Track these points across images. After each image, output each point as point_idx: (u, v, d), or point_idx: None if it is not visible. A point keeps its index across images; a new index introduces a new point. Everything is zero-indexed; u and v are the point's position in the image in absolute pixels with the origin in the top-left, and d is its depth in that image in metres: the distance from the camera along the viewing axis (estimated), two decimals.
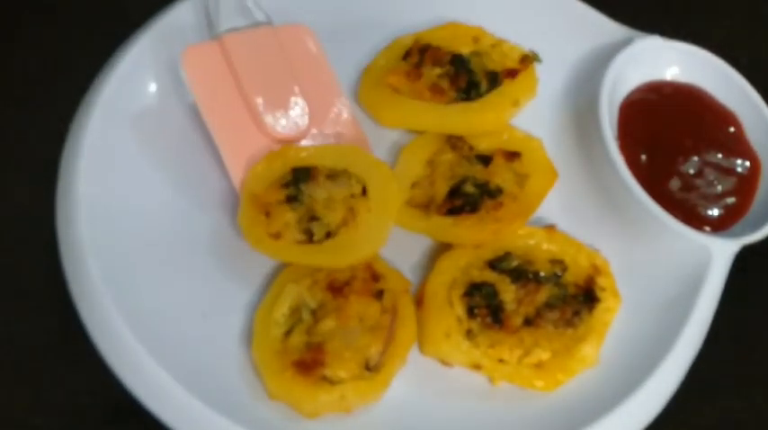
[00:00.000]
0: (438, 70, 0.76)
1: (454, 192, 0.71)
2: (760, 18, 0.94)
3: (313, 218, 0.67)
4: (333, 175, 0.69)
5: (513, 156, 0.73)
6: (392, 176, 0.70)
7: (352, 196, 0.68)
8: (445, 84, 0.75)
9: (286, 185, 0.68)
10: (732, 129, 0.77)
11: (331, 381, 0.61)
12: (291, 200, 0.68)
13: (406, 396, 0.64)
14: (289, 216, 0.67)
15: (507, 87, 0.75)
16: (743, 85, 0.78)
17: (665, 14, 0.90)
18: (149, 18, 0.75)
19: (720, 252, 0.70)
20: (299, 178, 0.69)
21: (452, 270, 0.68)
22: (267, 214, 0.67)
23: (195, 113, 0.72)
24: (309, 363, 0.61)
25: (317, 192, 0.68)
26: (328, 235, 0.67)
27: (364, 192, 0.69)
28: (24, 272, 0.72)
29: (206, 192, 0.71)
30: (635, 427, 0.64)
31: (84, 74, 0.73)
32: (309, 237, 0.67)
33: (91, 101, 0.70)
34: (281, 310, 0.65)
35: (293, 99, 0.71)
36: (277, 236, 0.67)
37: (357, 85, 0.77)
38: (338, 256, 0.66)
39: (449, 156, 0.73)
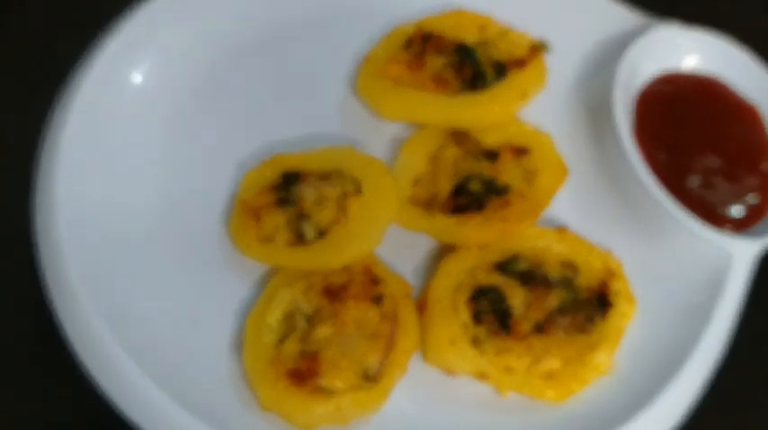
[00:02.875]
0: (442, 60, 0.74)
1: (459, 189, 0.69)
2: None
3: (303, 217, 0.66)
4: (325, 176, 0.68)
5: (521, 151, 0.71)
6: (387, 172, 0.69)
7: (346, 195, 0.67)
8: (449, 74, 0.74)
9: (276, 189, 0.68)
10: (754, 124, 0.75)
11: (327, 392, 0.60)
12: (282, 202, 0.67)
13: (406, 407, 0.63)
14: (279, 218, 0.66)
15: (515, 78, 0.73)
16: (766, 77, 0.77)
17: (682, 0, 0.87)
18: (126, 11, 0.73)
19: (742, 253, 0.68)
20: (289, 181, 0.68)
21: (457, 273, 0.66)
22: (257, 219, 0.66)
23: (179, 111, 0.71)
24: (304, 373, 0.60)
25: (308, 193, 0.67)
26: (321, 235, 0.66)
27: (360, 191, 0.67)
28: (2, 277, 0.70)
29: (193, 192, 0.70)
30: None
31: (62, 68, 0.71)
32: (301, 239, 0.66)
33: (69, 97, 0.69)
34: (275, 316, 0.63)
35: None
36: (268, 239, 0.66)
37: (356, 76, 0.75)
38: (330, 256, 0.64)
39: (453, 151, 0.72)
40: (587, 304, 0.66)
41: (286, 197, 0.67)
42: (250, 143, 0.72)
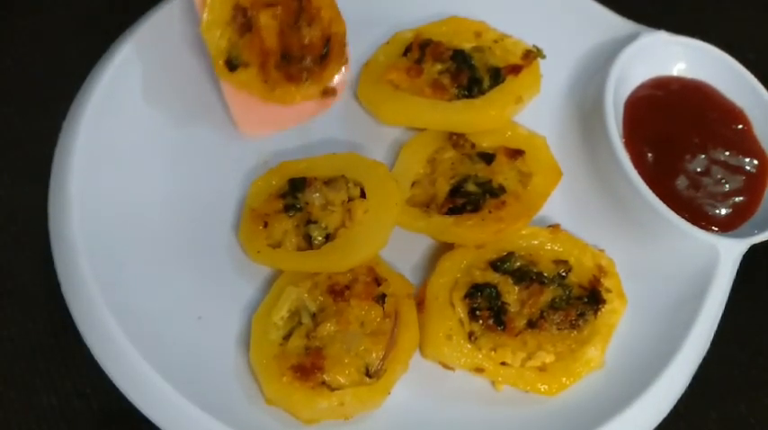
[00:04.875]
0: (439, 66, 0.75)
1: (456, 190, 0.70)
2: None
3: (311, 222, 0.66)
4: (330, 181, 0.68)
5: (516, 154, 0.72)
6: (390, 176, 0.69)
7: (350, 199, 0.67)
8: (446, 80, 0.74)
9: (283, 196, 0.68)
10: (740, 127, 0.77)
11: (330, 387, 0.61)
12: (289, 208, 0.67)
13: (406, 402, 0.63)
14: (287, 224, 0.67)
15: (510, 84, 0.74)
16: (751, 82, 0.78)
17: (671, 8, 0.89)
18: (141, 16, 0.74)
19: (728, 252, 0.69)
20: (296, 187, 0.68)
21: (454, 271, 0.67)
22: (266, 225, 0.67)
23: (189, 111, 0.71)
24: (308, 368, 0.61)
25: (314, 198, 0.67)
26: (328, 239, 0.66)
27: (364, 195, 0.68)
28: (16, 272, 0.71)
29: (202, 192, 0.70)
30: None
31: (78, 72, 0.72)
32: (309, 243, 0.66)
33: (84, 98, 0.69)
34: (280, 313, 0.64)
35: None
36: (277, 245, 0.66)
37: (356, 82, 0.76)
38: (338, 260, 0.65)
39: (450, 154, 0.72)
40: (579, 301, 0.66)
41: (293, 203, 0.67)
42: (256, 151, 0.72)
